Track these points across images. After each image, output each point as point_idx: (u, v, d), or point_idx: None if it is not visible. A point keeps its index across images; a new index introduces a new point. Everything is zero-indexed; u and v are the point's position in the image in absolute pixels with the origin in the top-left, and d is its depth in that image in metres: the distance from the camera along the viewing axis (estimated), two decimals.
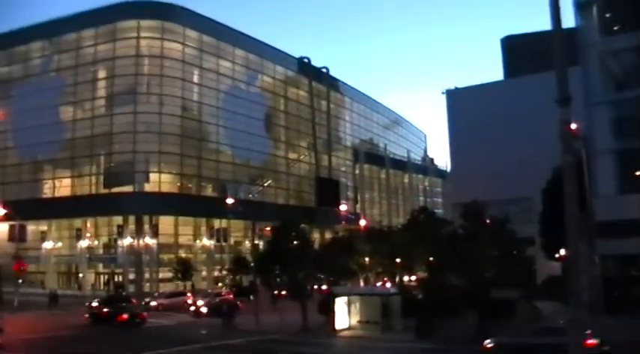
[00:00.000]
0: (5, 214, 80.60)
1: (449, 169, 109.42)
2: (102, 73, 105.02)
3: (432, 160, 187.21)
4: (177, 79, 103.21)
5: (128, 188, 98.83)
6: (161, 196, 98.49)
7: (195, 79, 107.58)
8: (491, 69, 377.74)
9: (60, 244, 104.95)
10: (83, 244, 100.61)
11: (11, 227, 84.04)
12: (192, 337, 45.46)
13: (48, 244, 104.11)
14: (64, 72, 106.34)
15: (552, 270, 62.04)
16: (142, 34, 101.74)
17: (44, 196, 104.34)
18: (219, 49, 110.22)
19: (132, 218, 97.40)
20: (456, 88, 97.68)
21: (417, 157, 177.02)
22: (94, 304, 67.48)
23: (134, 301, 73.46)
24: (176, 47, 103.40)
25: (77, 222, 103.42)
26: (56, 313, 68.22)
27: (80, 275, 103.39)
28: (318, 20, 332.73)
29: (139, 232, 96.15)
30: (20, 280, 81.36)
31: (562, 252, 53.18)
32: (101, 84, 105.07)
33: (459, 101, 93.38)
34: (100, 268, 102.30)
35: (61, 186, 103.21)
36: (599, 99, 56.05)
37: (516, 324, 40.80)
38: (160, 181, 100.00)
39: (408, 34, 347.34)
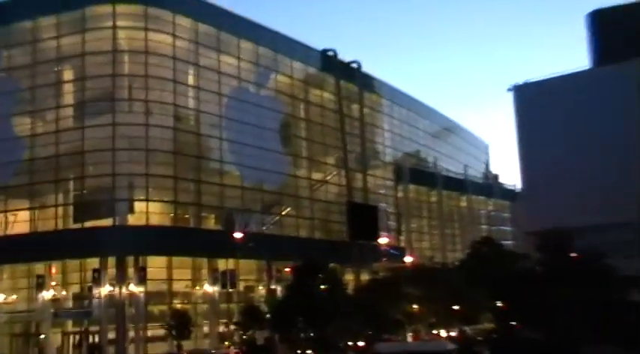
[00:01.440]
0: None
1: (519, 187, 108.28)
2: (68, 74, 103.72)
3: (496, 176, 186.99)
4: (168, 80, 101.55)
5: (106, 221, 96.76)
6: (150, 231, 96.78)
7: (191, 79, 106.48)
8: (570, 57, 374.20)
9: (14, 296, 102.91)
10: (46, 295, 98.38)
11: None
12: None
13: None
14: (18, 72, 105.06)
15: None
16: (120, 23, 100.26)
17: None
18: (219, 41, 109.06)
19: (111, 260, 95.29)
20: (526, 83, 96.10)
21: (476, 173, 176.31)
22: None
23: None
24: (164, 39, 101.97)
25: (38, 267, 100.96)
26: None
27: (42, 337, 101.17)
28: (345, 4, 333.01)
29: (121, 278, 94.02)
30: None
31: None
32: (68, 88, 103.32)
33: (531, 99, 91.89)
34: (70, 326, 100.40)
35: (16, 220, 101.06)
36: None
37: None
38: (148, 211, 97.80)
39: (461, 21, 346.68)
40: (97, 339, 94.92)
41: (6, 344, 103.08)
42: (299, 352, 64.13)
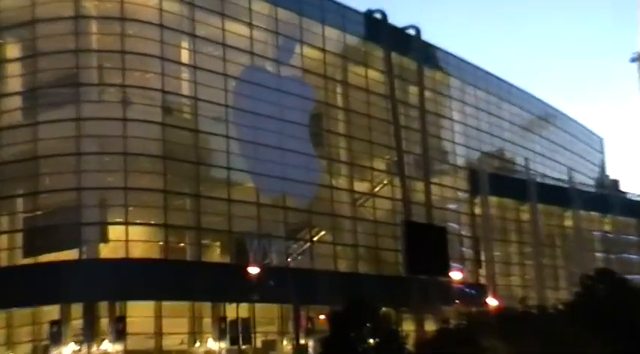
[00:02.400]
0: None
1: None
2: (13, 50, 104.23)
3: (615, 183, 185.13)
4: (153, 57, 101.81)
5: (70, 254, 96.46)
6: (131, 267, 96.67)
7: (185, 56, 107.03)
8: None
9: None
10: None
11: None
12: None
13: None
14: None
15: None
16: None
17: None
18: (224, 3, 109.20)
19: (77, 308, 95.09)
20: None
21: (587, 179, 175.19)
22: None
23: None
24: (147, 1, 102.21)
25: None
26: None
27: None
28: None
29: (89, 333, 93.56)
30: None
31: None
32: (13, 69, 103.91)
33: None
34: None
35: None
36: None
37: None
38: (128, 238, 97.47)
39: None
40: None
41: None
42: None
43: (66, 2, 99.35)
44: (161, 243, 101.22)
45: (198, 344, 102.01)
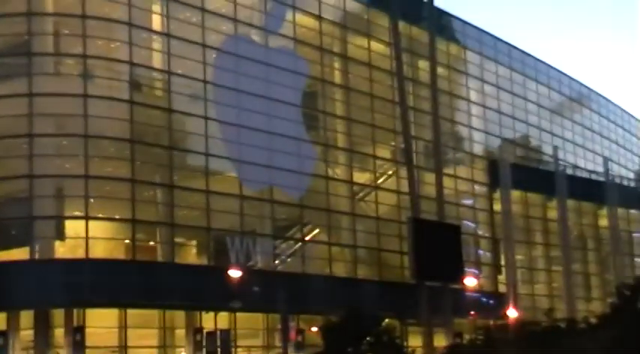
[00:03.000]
0: None
1: None
2: None
3: None
4: (119, 23, 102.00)
5: (20, 253, 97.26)
6: (92, 268, 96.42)
7: (156, 22, 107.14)
8: None
9: None
10: None
11: None
12: None
13: None
14: None
15: None
16: None
17: None
18: None
19: (27, 316, 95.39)
20: None
21: (626, 171, 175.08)
22: None
23: None
24: None
25: None
26: None
27: None
28: None
29: (43, 345, 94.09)
30: None
31: None
32: None
33: None
34: None
35: None
36: None
37: None
38: (89, 235, 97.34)
39: None
40: None
41: None
42: None
43: None
44: (127, 241, 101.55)
45: None
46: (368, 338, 61.91)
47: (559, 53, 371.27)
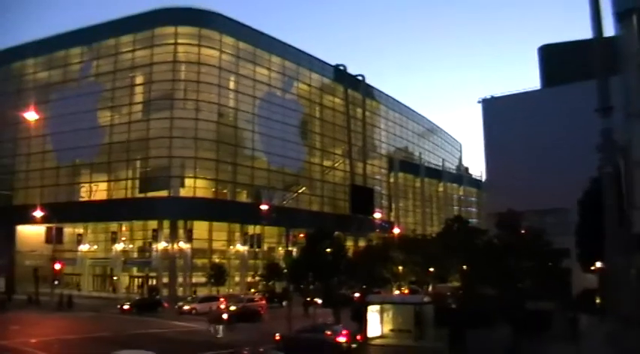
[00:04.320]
0: (43, 216, 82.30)
1: (484, 178, 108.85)
2: (139, 79, 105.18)
3: (466, 169, 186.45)
4: (214, 85, 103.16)
5: (163, 193, 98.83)
6: (196, 201, 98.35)
7: (232, 85, 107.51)
8: (527, 78, 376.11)
9: (96, 246, 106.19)
10: (118, 247, 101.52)
11: (48, 229, 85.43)
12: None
13: (84, 247, 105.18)
14: (103, 77, 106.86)
15: (588, 282, 60.86)
16: (180, 41, 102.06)
17: (81, 199, 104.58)
18: (255, 56, 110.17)
19: (166, 223, 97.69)
20: (492, 97, 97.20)
21: (451, 166, 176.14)
22: (125, 306, 70.00)
23: (165, 304, 74.75)
24: (213, 54, 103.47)
25: (113, 225, 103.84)
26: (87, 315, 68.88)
27: (115, 278, 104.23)
28: (353, 28, 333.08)
29: (173, 237, 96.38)
30: (56, 282, 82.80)
31: (598, 264, 52.31)
32: (139, 89, 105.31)
33: (495, 110, 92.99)
34: (135, 271, 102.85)
35: (98, 190, 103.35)
36: (639, 109, 55.12)
37: (551, 336, 40.26)
38: (195, 186, 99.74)
39: (443, 43, 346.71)
40: (154, 282, 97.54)
41: (90, 281, 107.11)
42: (308, 299, 64.84)
43: (168, 53, 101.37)
44: (213, 189, 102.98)
45: (231, 247, 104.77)
46: (328, 241, 61.07)
47: (424, 103, 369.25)
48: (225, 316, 60.12)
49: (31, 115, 73.85)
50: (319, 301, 61.86)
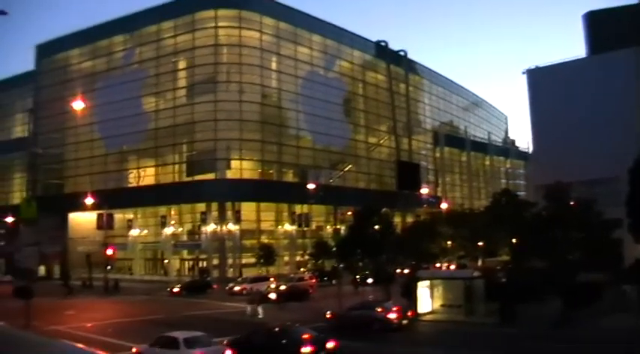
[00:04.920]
0: (93, 203, 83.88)
1: (531, 150, 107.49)
2: (182, 64, 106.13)
3: (513, 141, 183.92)
4: (256, 66, 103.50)
5: (210, 175, 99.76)
6: (243, 183, 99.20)
7: (274, 66, 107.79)
8: (572, 47, 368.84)
9: (146, 231, 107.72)
10: (168, 231, 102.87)
11: (99, 216, 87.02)
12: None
13: (134, 232, 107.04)
14: (146, 63, 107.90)
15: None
16: (220, 24, 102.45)
17: (130, 185, 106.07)
18: (296, 36, 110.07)
19: (214, 205, 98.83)
20: (537, 67, 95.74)
21: (498, 139, 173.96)
22: (175, 289, 70.76)
23: (215, 286, 75.74)
24: (254, 35, 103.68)
25: (162, 209, 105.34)
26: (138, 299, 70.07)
27: (166, 261, 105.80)
28: (393, 3, 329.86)
29: (221, 219, 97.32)
30: (109, 267, 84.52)
31: None
32: (182, 74, 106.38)
33: (541, 80, 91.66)
34: (185, 254, 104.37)
35: (146, 175, 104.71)
36: None
37: (602, 308, 39.97)
38: (242, 167, 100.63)
39: (486, 15, 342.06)
40: (204, 264, 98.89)
41: (141, 265, 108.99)
42: (357, 276, 65.11)
43: (209, 37, 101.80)
44: (259, 170, 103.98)
45: (280, 227, 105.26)
46: (375, 217, 61.18)
47: (469, 76, 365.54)
48: (273, 296, 60.95)
49: (77, 105, 74.98)
50: (370, 280, 62.26)
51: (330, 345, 30.30)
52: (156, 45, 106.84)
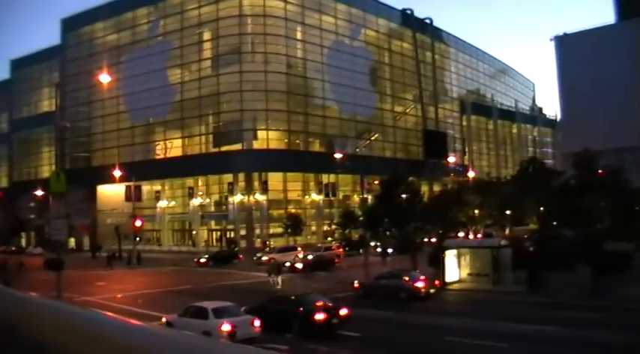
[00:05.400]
0: (121, 175, 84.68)
1: (558, 118, 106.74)
2: (207, 35, 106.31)
3: (540, 109, 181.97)
4: (281, 36, 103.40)
5: (237, 146, 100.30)
6: (269, 153, 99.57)
7: (299, 35, 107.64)
8: (601, 12, 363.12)
9: (173, 202, 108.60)
10: (195, 202, 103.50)
11: (127, 188, 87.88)
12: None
13: (162, 203, 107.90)
14: (170, 36, 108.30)
15: None
16: None
17: (157, 157, 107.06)
18: (321, 5, 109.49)
19: (241, 175, 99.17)
20: (565, 34, 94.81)
21: (525, 106, 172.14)
22: (202, 260, 72.47)
23: (240, 256, 76.17)
24: (278, 5, 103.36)
25: (189, 181, 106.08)
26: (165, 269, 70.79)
27: (194, 232, 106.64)
28: None
29: (248, 189, 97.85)
30: (137, 238, 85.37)
31: None
32: (206, 45, 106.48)
33: (569, 47, 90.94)
34: (213, 225, 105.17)
35: (173, 147, 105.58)
36: None
37: (630, 277, 39.79)
38: (268, 138, 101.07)
39: None
40: (232, 234, 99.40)
41: (170, 237, 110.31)
42: (377, 245, 65.37)
43: (233, 7, 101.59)
44: (286, 140, 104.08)
45: (307, 196, 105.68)
46: (402, 186, 61.06)
47: (497, 45, 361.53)
48: (300, 265, 61.42)
49: (104, 78, 75.66)
50: (390, 250, 62.63)
51: (342, 312, 30.88)
52: (180, 17, 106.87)
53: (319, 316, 29.69)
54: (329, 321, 30.05)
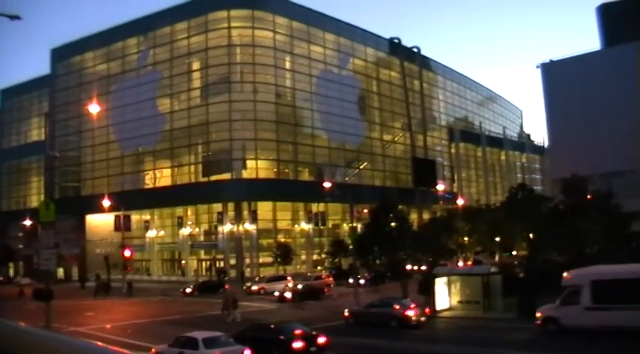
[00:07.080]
0: (110, 205, 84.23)
1: (546, 144, 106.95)
2: (196, 64, 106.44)
3: (528, 136, 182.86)
4: (270, 66, 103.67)
5: (226, 175, 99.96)
6: (259, 182, 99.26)
7: (288, 65, 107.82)
8: (585, 40, 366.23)
9: (163, 232, 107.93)
10: (185, 231, 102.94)
11: (117, 218, 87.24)
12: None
13: (151, 233, 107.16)
14: (160, 65, 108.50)
15: None
16: (233, 24, 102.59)
17: (146, 186, 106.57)
18: (309, 35, 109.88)
19: (231, 205, 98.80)
20: (551, 61, 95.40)
21: (513, 133, 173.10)
22: (187, 290, 72.97)
23: (227, 286, 75.40)
24: (267, 35, 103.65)
25: (178, 210, 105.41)
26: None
27: (183, 262, 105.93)
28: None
29: (238, 218, 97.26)
30: (127, 268, 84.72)
31: None
32: (196, 75, 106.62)
33: (555, 74, 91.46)
34: (202, 254, 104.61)
35: (162, 176, 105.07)
36: None
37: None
38: (257, 167, 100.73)
39: (497, 9, 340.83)
40: (222, 264, 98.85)
41: (159, 266, 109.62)
42: (359, 275, 65.19)
43: (223, 37, 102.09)
44: (275, 169, 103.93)
45: (296, 225, 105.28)
46: (391, 215, 61.14)
47: (484, 71, 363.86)
48: (289, 295, 61.13)
49: (93, 108, 75.44)
50: (362, 281, 62.78)
51: (321, 340, 31.61)
52: (170, 46, 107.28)
53: (297, 344, 30.43)
54: (307, 349, 30.79)
